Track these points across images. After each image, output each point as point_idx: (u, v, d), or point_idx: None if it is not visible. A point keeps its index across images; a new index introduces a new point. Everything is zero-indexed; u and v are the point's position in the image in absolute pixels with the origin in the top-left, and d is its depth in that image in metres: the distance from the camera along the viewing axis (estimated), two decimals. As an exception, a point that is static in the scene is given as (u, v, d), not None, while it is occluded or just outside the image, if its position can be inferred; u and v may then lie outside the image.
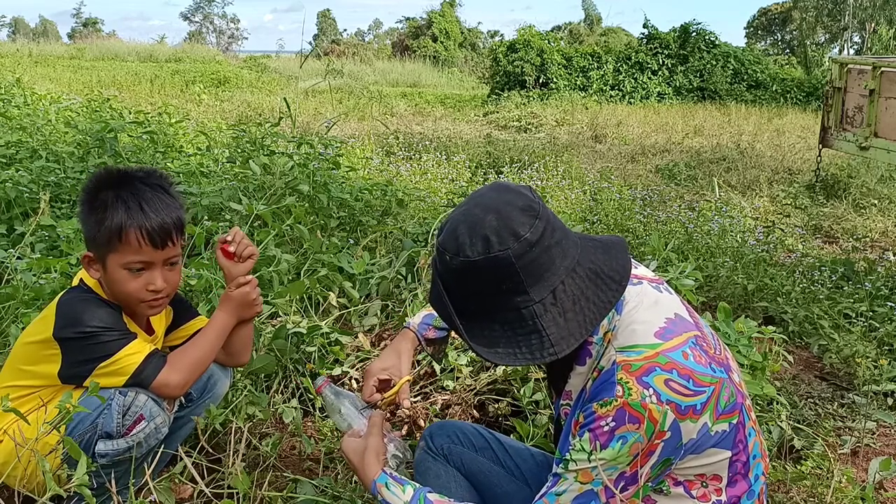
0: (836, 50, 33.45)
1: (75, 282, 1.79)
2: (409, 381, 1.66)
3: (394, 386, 1.65)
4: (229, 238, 1.83)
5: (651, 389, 1.22)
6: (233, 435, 1.80)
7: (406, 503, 1.42)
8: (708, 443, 1.29)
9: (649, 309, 1.33)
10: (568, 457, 1.28)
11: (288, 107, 5.10)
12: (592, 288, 1.28)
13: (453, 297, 1.30)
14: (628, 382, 1.23)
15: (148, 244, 1.68)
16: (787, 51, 39.41)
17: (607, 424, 1.23)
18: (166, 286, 1.74)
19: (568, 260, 1.27)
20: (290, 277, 3.00)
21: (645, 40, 19.52)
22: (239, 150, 4.60)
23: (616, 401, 1.23)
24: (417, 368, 2.63)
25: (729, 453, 1.32)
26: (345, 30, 71.08)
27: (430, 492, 1.44)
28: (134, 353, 1.67)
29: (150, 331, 1.86)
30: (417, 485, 1.46)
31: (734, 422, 1.31)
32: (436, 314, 1.66)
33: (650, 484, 1.32)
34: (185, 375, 1.72)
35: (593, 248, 1.33)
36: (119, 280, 1.69)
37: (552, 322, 1.25)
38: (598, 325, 1.28)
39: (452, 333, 1.74)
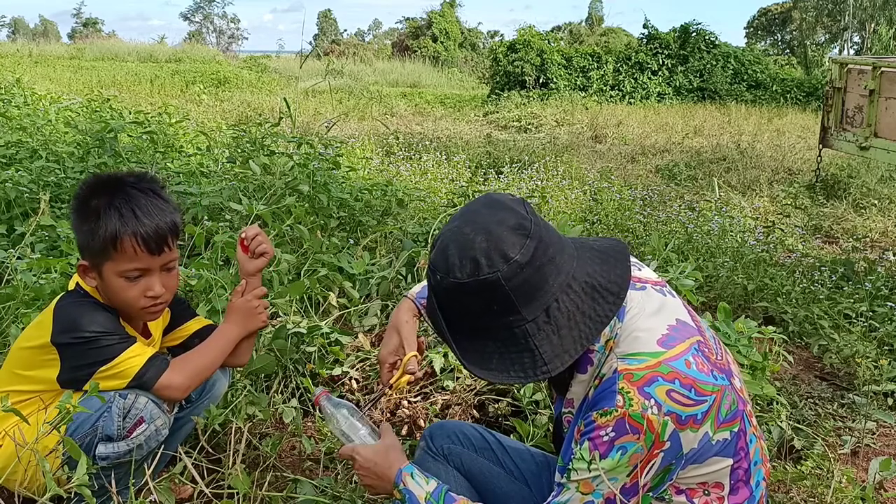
0: (836, 50, 33.49)
1: (72, 286, 1.77)
2: (415, 356, 1.63)
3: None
4: (248, 234, 1.86)
5: (652, 400, 1.21)
6: (233, 435, 1.80)
7: (429, 493, 1.43)
8: (709, 452, 1.28)
9: (652, 316, 1.32)
10: (570, 466, 1.28)
11: (288, 107, 5.08)
12: (589, 302, 1.26)
13: (445, 314, 1.29)
14: (629, 392, 1.22)
15: (144, 251, 1.66)
16: (787, 51, 39.42)
17: (607, 434, 1.22)
18: (165, 291, 1.72)
19: (562, 276, 1.25)
20: (290, 277, 3.00)
21: (645, 40, 19.54)
22: (239, 150, 4.59)
23: (616, 411, 1.22)
24: (421, 367, 2.62)
25: (731, 461, 1.31)
26: (345, 30, 71.18)
27: (451, 490, 1.45)
28: (135, 355, 1.66)
29: (146, 334, 1.85)
30: (440, 482, 1.47)
31: (735, 430, 1.30)
32: None
33: (651, 494, 1.31)
34: (188, 379, 1.72)
35: (591, 258, 1.31)
36: (116, 288, 1.68)
37: (545, 340, 1.24)
38: (595, 339, 1.26)
39: None
